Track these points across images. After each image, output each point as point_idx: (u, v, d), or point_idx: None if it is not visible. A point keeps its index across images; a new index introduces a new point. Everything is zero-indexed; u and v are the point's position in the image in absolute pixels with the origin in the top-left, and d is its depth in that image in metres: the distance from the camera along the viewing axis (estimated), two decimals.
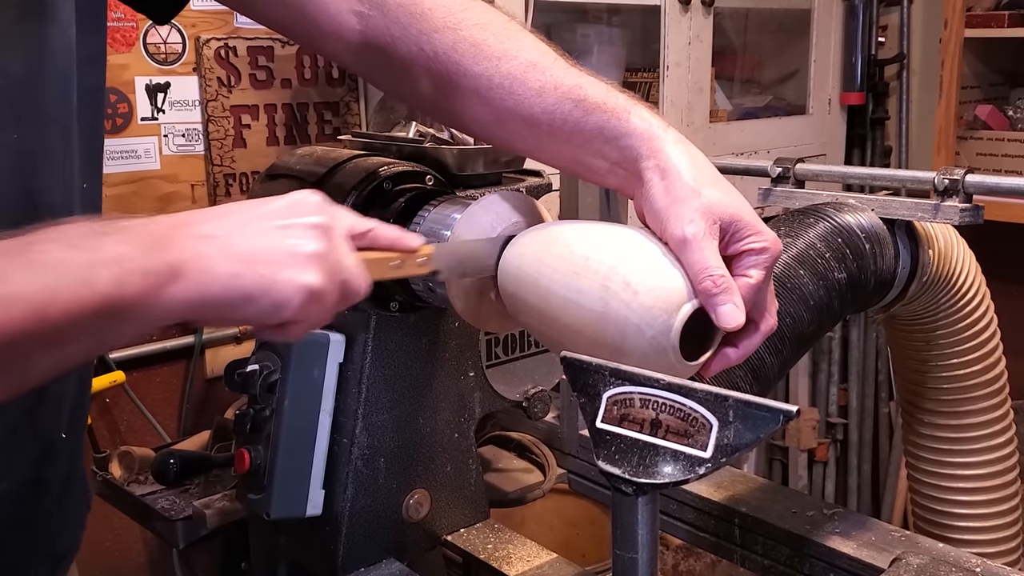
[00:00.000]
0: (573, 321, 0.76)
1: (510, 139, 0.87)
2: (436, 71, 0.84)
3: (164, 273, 0.59)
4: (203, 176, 1.72)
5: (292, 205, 0.66)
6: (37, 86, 0.70)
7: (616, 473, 0.62)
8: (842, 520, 1.10)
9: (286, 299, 0.63)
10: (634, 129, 0.78)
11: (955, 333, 1.14)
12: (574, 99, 0.79)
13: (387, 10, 0.85)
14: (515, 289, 0.83)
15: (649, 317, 0.72)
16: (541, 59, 0.82)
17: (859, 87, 2.52)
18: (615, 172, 0.81)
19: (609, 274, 0.74)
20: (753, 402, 0.57)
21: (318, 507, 1.04)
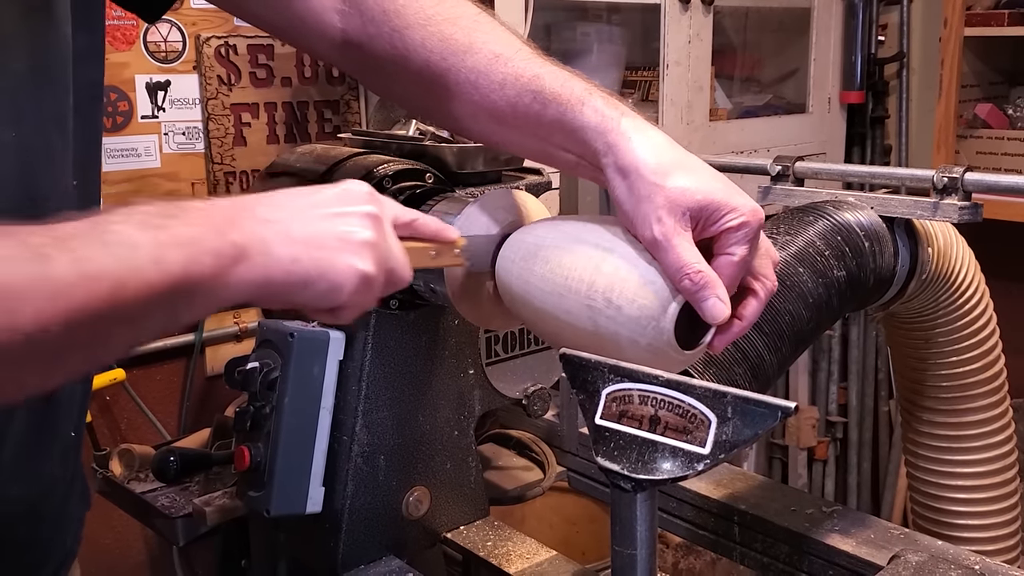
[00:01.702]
0: (569, 338, 0.76)
1: (484, 135, 0.88)
2: (410, 68, 0.85)
3: (231, 255, 0.60)
4: (203, 174, 1.72)
5: (344, 194, 0.69)
6: (37, 84, 0.71)
7: (615, 469, 0.62)
8: (841, 518, 1.10)
9: (341, 283, 0.65)
10: (588, 122, 0.77)
11: (954, 331, 1.14)
12: (533, 91, 0.79)
13: (364, 8, 0.86)
14: (510, 303, 0.84)
15: (639, 328, 0.72)
16: (505, 50, 0.82)
17: (859, 86, 2.52)
18: (583, 165, 0.81)
19: (590, 293, 0.74)
20: (751, 398, 0.58)
21: (318, 504, 1.04)
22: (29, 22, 0.70)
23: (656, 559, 0.68)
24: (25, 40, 0.69)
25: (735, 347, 0.89)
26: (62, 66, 0.74)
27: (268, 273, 0.63)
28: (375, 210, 0.69)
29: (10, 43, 0.68)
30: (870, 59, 2.53)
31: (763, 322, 0.91)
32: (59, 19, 0.73)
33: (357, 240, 0.66)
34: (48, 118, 0.73)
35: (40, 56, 0.71)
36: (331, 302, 0.67)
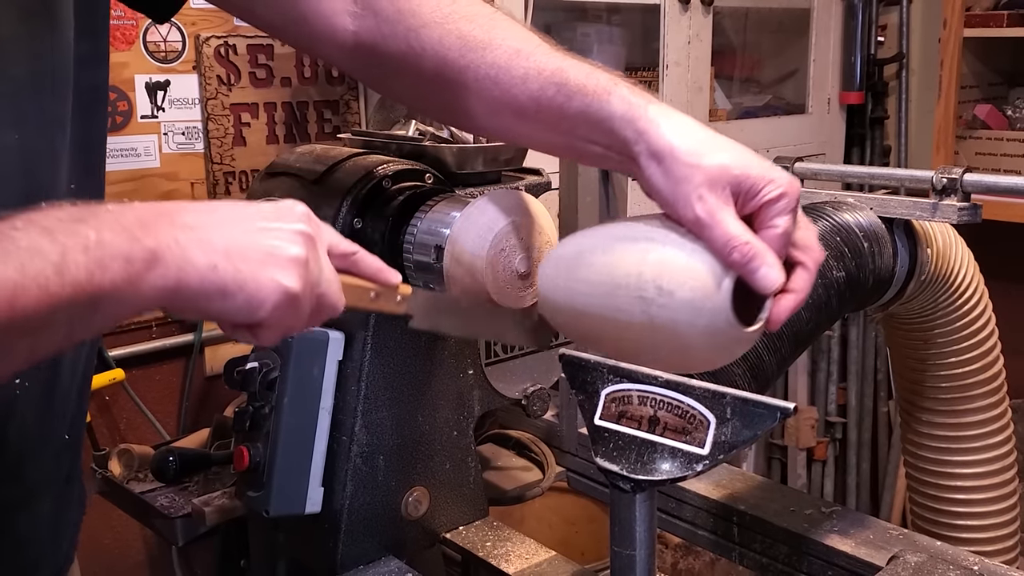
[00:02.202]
0: (626, 339, 0.73)
1: (504, 131, 0.87)
2: (425, 67, 0.84)
3: (142, 260, 0.58)
4: (203, 174, 1.72)
5: (278, 209, 0.66)
6: (38, 87, 0.71)
7: (614, 470, 0.62)
8: (840, 518, 1.10)
9: (261, 297, 0.62)
10: (615, 111, 0.76)
11: (953, 332, 1.14)
12: (556, 83, 0.78)
13: (378, 8, 0.85)
14: (555, 317, 0.81)
15: (694, 310, 0.69)
16: (524, 46, 0.81)
17: (858, 86, 2.52)
18: (609, 156, 0.79)
19: (640, 285, 0.72)
20: (750, 399, 0.58)
21: (317, 504, 1.04)
22: (28, 26, 0.69)
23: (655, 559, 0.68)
24: (25, 44, 0.69)
25: None
26: (63, 70, 0.73)
27: (183, 279, 0.60)
28: (308, 229, 0.66)
29: (9, 47, 0.68)
30: (870, 60, 2.53)
31: None
32: (60, 23, 0.73)
33: (284, 255, 0.63)
34: (50, 121, 0.72)
35: (40, 60, 0.71)
36: (250, 317, 0.63)
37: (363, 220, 1.01)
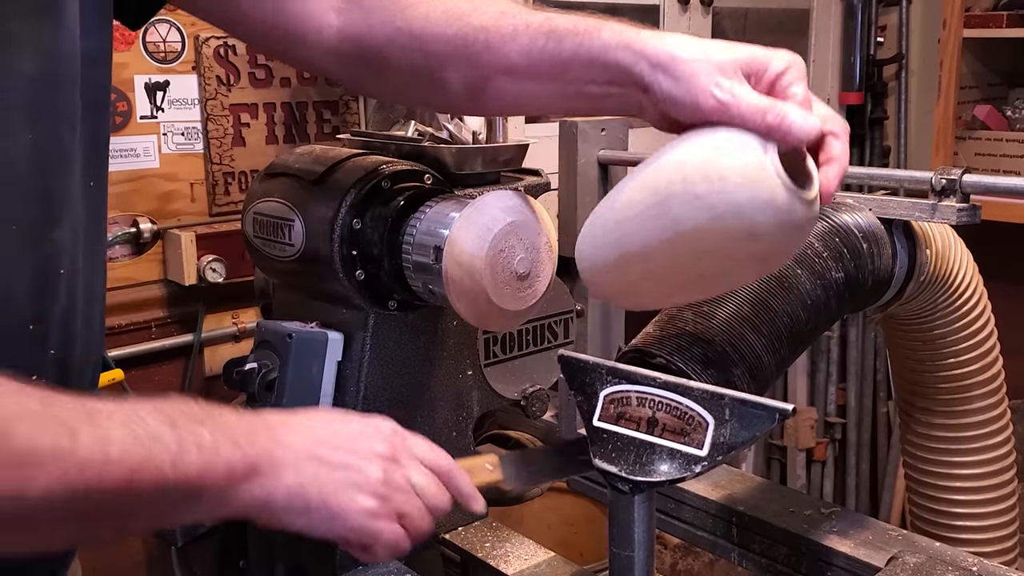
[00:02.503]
0: (697, 250, 0.71)
1: (496, 98, 0.86)
2: (413, 47, 0.84)
3: (242, 470, 0.65)
4: (202, 174, 1.72)
5: (364, 429, 0.74)
6: (48, 86, 0.71)
7: (613, 471, 0.62)
8: (839, 519, 1.10)
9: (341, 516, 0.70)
10: (608, 42, 0.76)
11: (952, 333, 1.14)
12: (545, 32, 0.79)
13: (363, 1, 0.87)
14: (610, 281, 0.79)
15: (751, 183, 0.68)
16: (508, 8, 0.82)
17: (858, 87, 2.52)
18: (609, 93, 0.79)
19: (688, 186, 0.69)
20: (749, 400, 0.58)
21: None
22: (35, 24, 0.70)
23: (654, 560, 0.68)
24: (32, 42, 0.70)
25: (733, 348, 0.89)
26: (71, 68, 0.74)
27: (272, 493, 0.67)
28: (389, 451, 0.73)
29: (17, 45, 0.69)
30: (869, 60, 2.53)
31: (760, 323, 0.91)
32: (67, 20, 0.73)
33: (363, 478, 0.71)
34: (61, 120, 0.73)
35: (49, 58, 0.71)
36: (332, 531, 0.71)
37: (362, 221, 1.01)
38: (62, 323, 0.74)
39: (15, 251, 0.69)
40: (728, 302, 0.91)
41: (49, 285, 0.72)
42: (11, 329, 0.69)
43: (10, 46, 0.68)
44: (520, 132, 1.83)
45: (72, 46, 0.74)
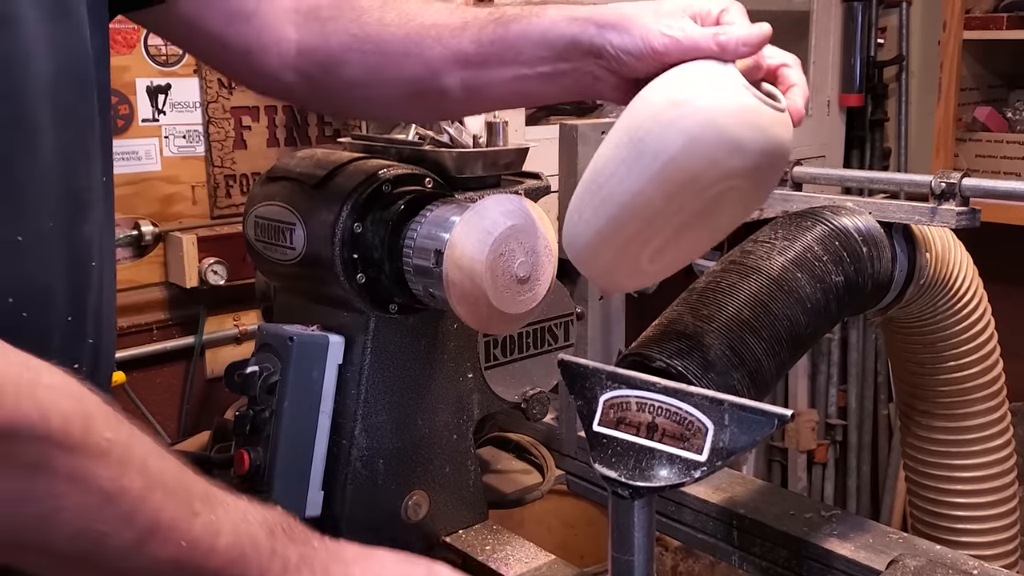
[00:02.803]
0: (680, 184, 0.71)
1: (452, 90, 0.87)
2: (368, 50, 0.87)
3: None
4: (204, 177, 1.72)
5: None
6: (66, 87, 0.73)
7: (613, 476, 0.62)
8: (840, 522, 1.10)
9: None
10: (554, 17, 0.79)
11: (952, 336, 1.14)
12: (494, 19, 0.82)
13: (319, 11, 0.89)
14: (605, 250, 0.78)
15: (718, 92, 0.70)
16: (459, 9, 0.86)
17: (858, 89, 2.52)
18: (562, 70, 0.80)
19: (659, 115, 0.71)
20: (748, 406, 0.58)
21: (317, 508, 1.04)
22: (49, 26, 0.71)
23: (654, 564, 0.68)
24: (50, 45, 0.71)
25: (733, 352, 0.89)
26: (84, 68, 0.76)
27: None
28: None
29: (37, 48, 0.70)
30: (869, 62, 2.53)
31: (760, 327, 0.91)
32: (79, 21, 0.75)
33: None
34: (80, 119, 0.75)
35: (64, 59, 0.73)
36: None
37: (363, 224, 1.02)
38: (95, 313, 0.76)
39: (52, 247, 0.71)
40: (728, 306, 0.92)
41: (82, 278, 0.74)
42: (53, 323, 0.71)
43: (28, 49, 0.69)
44: (520, 135, 1.83)
45: (84, 46, 0.76)
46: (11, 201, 0.68)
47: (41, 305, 0.70)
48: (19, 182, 0.68)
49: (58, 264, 0.72)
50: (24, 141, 0.69)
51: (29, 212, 0.69)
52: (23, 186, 0.69)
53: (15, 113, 0.68)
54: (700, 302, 0.93)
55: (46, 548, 0.57)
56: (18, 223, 0.67)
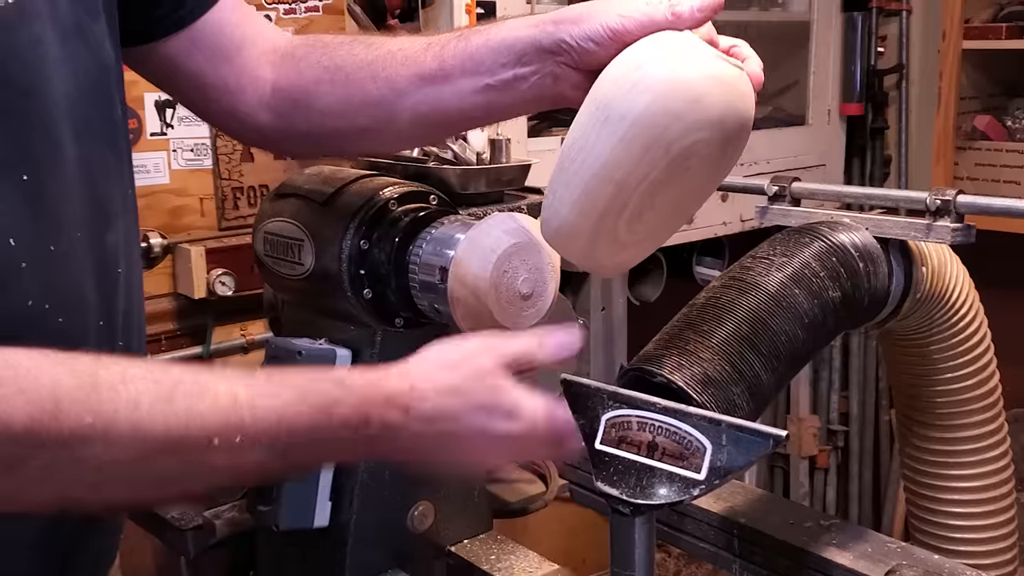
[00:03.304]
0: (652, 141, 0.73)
1: (418, 108, 0.89)
2: (338, 80, 0.90)
3: None
4: (211, 190, 1.74)
5: None
6: (87, 103, 0.76)
7: (614, 494, 0.64)
8: (839, 531, 1.12)
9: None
10: (513, 24, 0.82)
11: (949, 348, 1.16)
12: (456, 36, 0.85)
13: (295, 50, 0.94)
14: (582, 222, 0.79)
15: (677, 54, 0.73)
16: (424, 35, 0.90)
17: (858, 97, 2.54)
18: (522, 75, 0.83)
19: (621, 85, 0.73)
20: (745, 426, 0.60)
21: (325, 519, 1.06)
22: (67, 48, 0.75)
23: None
24: (70, 64, 0.75)
25: (732, 367, 0.91)
26: (103, 85, 0.80)
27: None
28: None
29: (59, 68, 0.73)
30: (870, 71, 2.55)
31: (759, 342, 0.93)
32: (95, 43, 0.79)
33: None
34: (101, 133, 0.79)
35: (83, 78, 0.76)
36: None
37: (370, 241, 1.04)
38: (125, 317, 0.80)
39: (82, 256, 0.74)
40: (727, 321, 0.94)
41: (110, 284, 0.78)
42: (87, 328, 0.74)
43: (50, 70, 0.72)
44: (523, 147, 1.85)
45: (103, 65, 0.79)
46: (43, 214, 0.71)
47: (75, 311, 0.73)
48: (48, 195, 0.72)
49: (88, 272, 0.76)
50: (51, 157, 0.72)
51: (59, 223, 0.72)
52: (52, 199, 0.72)
53: (42, 131, 0.72)
54: (700, 317, 0.95)
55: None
56: (50, 234, 0.71)
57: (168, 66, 0.94)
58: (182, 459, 0.63)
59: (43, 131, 0.72)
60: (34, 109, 0.71)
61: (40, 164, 0.71)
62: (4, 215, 0.69)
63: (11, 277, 0.69)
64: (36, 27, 0.71)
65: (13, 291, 0.69)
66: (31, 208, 0.71)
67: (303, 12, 1.83)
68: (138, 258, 0.89)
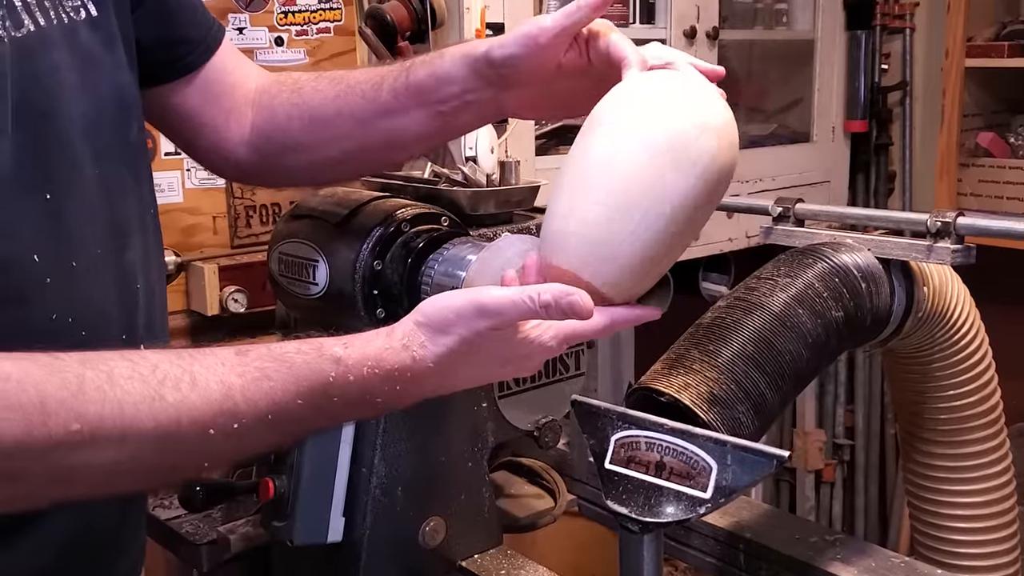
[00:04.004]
0: (716, 180, 0.77)
1: (379, 137, 0.96)
2: (305, 115, 0.97)
3: None
4: (224, 208, 1.77)
5: None
6: (105, 127, 0.80)
7: (623, 512, 0.66)
8: (844, 546, 1.13)
9: None
10: (453, 55, 0.89)
11: (951, 366, 1.18)
12: (405, 68, 0.92)
13: (271, 88, 1.00)
14: (657, 255, 0.79)
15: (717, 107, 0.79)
16: (379, 68, 0.96)
17: (862, 115, 2.56)
18: (468, 101, 0.90)
19: (686, 133, 0.76)
20: (749, 447, 0.62)
21: (339, 534, 1.08)
22: (83, 74, 0.78)
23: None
24: (89, 90, 0.78)
25: (738, 386, 0.93)
26: (123, 109, 0.83)
27: None
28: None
29: (77, 94, 0.77)
30: (874, 88, 2.57)
31: (764, 361, 0.95)
32: (108, 68, 0.82)
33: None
34: (119, 156, 0.82)
35: (99, 102, 0.80)
36: None
37: (383, 262, 1.06)
38: (147, 330, 0.83)
39: (103, 272, 0.78)
40: (732, 341, 0.96)
41: (130, 300, 0.81)
42: (110, 342, 0.76)
43: (67, 93, 0.76)
44: (531, 167, 1.87)
45: (118, 89, 0.83)
46: (64, 232, 0.74)
47: (97, 325, 0.76)
48: (69, 214, 0.75)
49: (108, 287, 0.79)
50: (71, 177, 0.76)
51: (80, 241, 0.76)
52: (73, 218, 0.75)
53: (61, 153, 0.75)
54: (706, 337, 0.97)
55: None
56: (72, 251, 0.74)
57: (163, 105, 0.98)
58: (179, 451, 0.64)
59: (63, 153, 0.75)
60: (54, 132, 0.74)
61: (61, 184, 0.75)
62: (29, 233, 0.72)
63: (36, 292, 0.72)
64: (55, 54, 0.75)
65: (38, 305, 0.72)
66: (54, 226, 0.74)
67: (315, 34, 1.87)
68: (159, 275, 0.91)
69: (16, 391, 0.58)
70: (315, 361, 0.68)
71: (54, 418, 0.59)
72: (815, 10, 2.45)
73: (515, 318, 0.71)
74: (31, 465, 0.59)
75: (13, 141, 0.70)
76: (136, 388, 0.62)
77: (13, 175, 0.70)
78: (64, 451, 0.60)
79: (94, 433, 0.60)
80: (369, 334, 0.72)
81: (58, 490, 0.63)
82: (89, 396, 0.60)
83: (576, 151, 0.79)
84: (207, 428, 0.63)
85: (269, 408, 0.65)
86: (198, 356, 0.66)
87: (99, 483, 0.64)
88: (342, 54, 1.91)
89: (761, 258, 1.09)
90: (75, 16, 0.78)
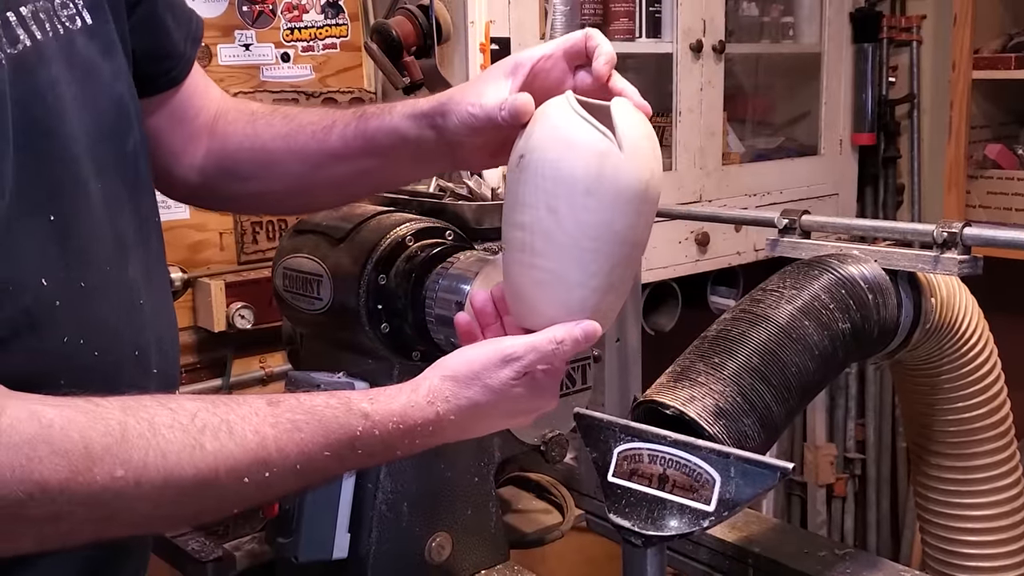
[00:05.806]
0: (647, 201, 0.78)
1: (329, 184, 0.97)
2: (256, 148, 0.98)
3: None
4: (230, 225, 1.78)
5: None
6: (105, 139, 0.79)
7: (626, 526, 0.66)
8: (853, 560, 1.13)
9: None
10: (402, 112, 0.89)
11: (959, 378, 1.17)
12: (357, 116, 0.93)
13: (227, 116, 1.00)
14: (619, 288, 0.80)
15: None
16: (331, 110, 0.97)
17: (870, 127, 2.55)
18: (416, 155, 0.90)
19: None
20: (752, 459, 0.61)
21: (344, 550, 1.08)
22: (83, 87, 0.77)
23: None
24: (90, 104, 0.78)
25: (744, 398, 0.92)
26: (121, 119, 0.83)
27: None
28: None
29: (78, 107, 0.76)
30: (881, 100, 2.56)
31: (770, 374, 0.95)
32: (113, 77, 0.82)
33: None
34: (116, 168, 0.81)
35: (99, 116, 0.79)
36: None
37: (387, 276, 1.06)
38: (157, 346, 0.83)
39: (111, 290, 0.78)
40: (738, 353, 0.95)
41: (137, 316, 0.81)
42: (122, 359, 0.78)
43: (67, 107, 0.75)
44: None
45: (116, 103, 0.82)
46: (72, 252, 0.74)
47: (109, 344, 0.76)
48: (77, 233, 0.75)
49: (116, 305, 0.79)
50: (76, 195, 0.75)
51: (88, 260, 0.75)
52: (81, 237, 0.75)
53: (65, 170, 0.74)
54: (711, 350, 0.97)
55: None
56: (80, 271, 0.74)
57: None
58: (215, 496, 0.67)
59: (67, 171, 0.75)
60: (57, 149, 0.74)
61: (67, 203, 0.74)
62: (36, 255, 0.71)
63: (45, 315, 0.71)
64: (53, 68, 0.74)
65: (48, 328, 0.71)
66: (61, 247, 0.73)
67: (321, 50, 1.88)
68: (165, 289, 0.91)
69: (60, 437, 0.61)
70: (343, 416, 0.72)
71: (99, 464, 0.62)
72: (821, 23, 2.45)
73: (535, 362, 0.75)
74: (75, 508, 0.62)
75: (15, 162, 0.69)
76: (177, 437, 0.65)
77: (17, 197, 0.69)
78: (108, 496, 0.62)
79: (138, 479, 0.63)
80: (393, 389, 0.77)
81: (97, 530, 0.65)
82: (133, 444, 0.63)
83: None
84: (242, 476, 0.67)
85: (299, 459, 0.69)
86: (233, 405, 0.69)
87: (137, 524, 0.67)
88: (348, 69, 1.92)
89: (770, 271, 1.09)
90: (71, 26, 0.77)
